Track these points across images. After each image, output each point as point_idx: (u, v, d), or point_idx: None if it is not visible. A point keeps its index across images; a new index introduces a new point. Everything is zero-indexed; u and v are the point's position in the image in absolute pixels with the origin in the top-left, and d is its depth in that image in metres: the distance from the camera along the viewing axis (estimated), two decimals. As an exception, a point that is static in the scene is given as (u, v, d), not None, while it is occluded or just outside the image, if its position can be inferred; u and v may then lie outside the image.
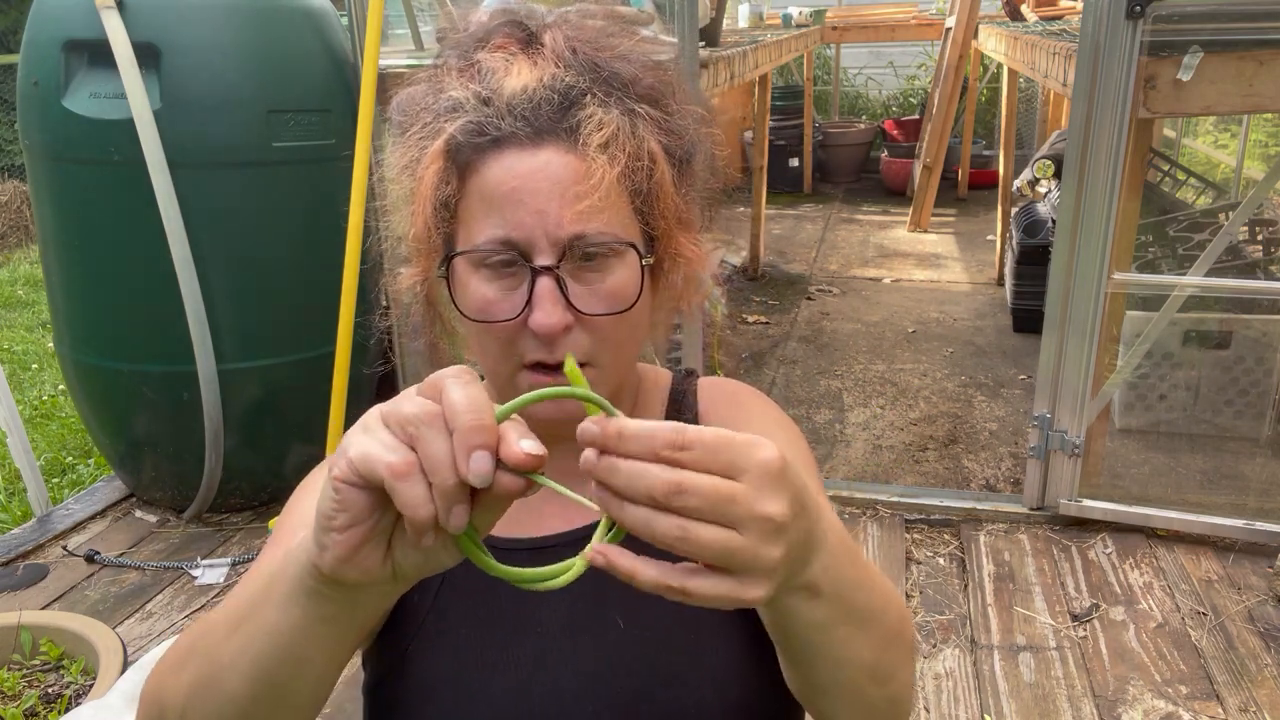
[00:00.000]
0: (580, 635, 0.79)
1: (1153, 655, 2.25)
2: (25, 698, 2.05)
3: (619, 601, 0.79)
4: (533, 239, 0.70)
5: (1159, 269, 3.43)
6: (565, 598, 0.78)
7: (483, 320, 0.73)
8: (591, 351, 0.74)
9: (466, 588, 0.80)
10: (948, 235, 6.38)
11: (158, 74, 2.56)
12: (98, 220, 2.67)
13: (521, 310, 0.72)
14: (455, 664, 0.79)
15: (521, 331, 0.72)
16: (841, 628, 0.62)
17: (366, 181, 2.58)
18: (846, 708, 0.68)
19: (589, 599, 0.79)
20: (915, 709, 2.11)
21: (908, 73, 8.56)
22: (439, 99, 0.75)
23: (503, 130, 0.71)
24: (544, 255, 0.71)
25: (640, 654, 0.78)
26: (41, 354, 4.62)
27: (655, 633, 0.78)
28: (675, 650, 0.78)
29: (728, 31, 5.59)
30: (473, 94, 0.73)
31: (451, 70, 0.76)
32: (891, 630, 0.67)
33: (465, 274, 0.74)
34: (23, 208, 6.74)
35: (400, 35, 3.58)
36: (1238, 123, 5.19)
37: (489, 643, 0.79)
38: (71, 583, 2.65)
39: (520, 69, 0.74)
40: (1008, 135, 5.50)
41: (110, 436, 2.97)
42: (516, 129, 0.71)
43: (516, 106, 0.72)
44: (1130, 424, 3.28)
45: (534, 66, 0.74)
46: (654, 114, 0.75)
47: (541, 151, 0.71)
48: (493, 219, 0.71)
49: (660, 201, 0.75)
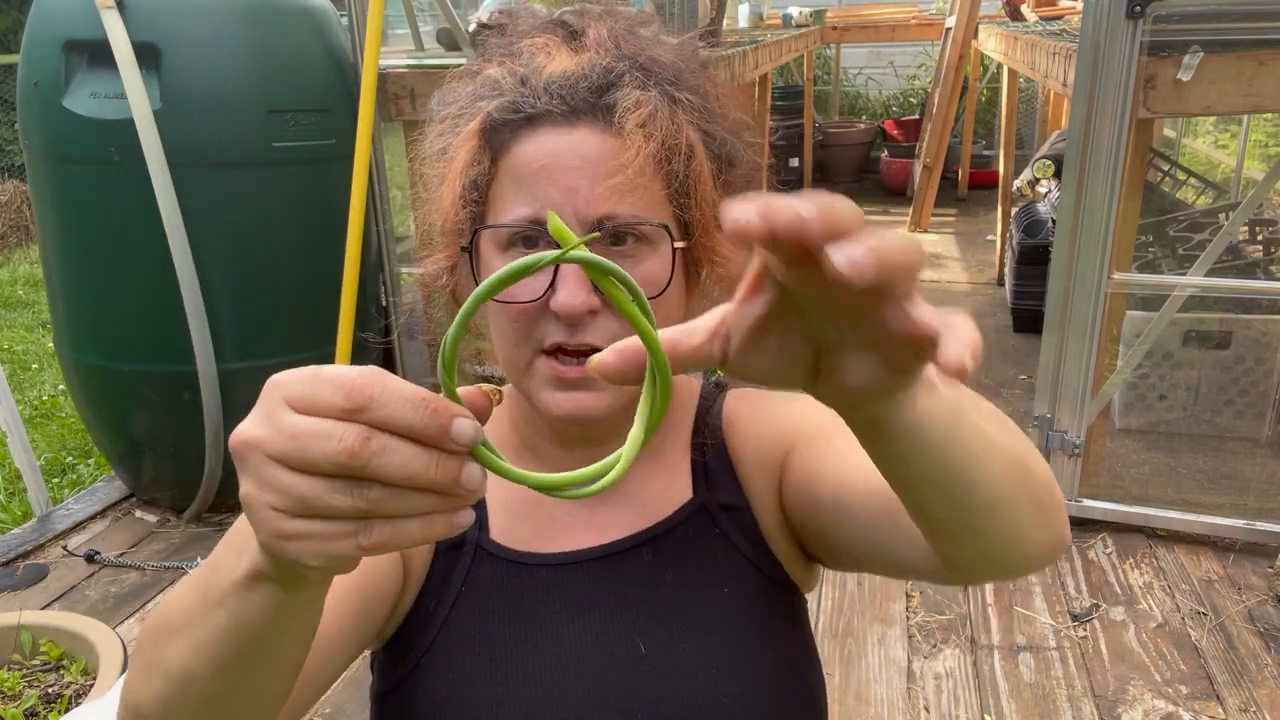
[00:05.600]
0: (601, 657, 0.76)
1: (1153, 655, 2.25)
2: (25, 698, 2.05)
3: (643, 626, 0.77)
4: (561, 216, 0.68)
5: (1159, 269, 3.42)
6: (589, 619, 0.77)
7: (503, 301, 0.70)
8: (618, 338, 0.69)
9: (484, 601, 0.78)
10: (948, 235, 6.38)
11: (158, 74, 2.56)
12: (98, 220, 2.67)
13: (544, 292, 0.69)
14: (467, 678, 0.76)
15: (543, 315, 0.70)
16: (980, 419, 0.52)
17: (366, 181, 2.58)
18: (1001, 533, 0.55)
19: (612, 621, 0.77)
20: (916, 709, 2.11)
21: (908, 73, 8.55)
22: (476, 83, 0.75)
23: (538, 108, 0.70)
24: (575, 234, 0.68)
25: (660, 680, 0.76)
26: (41, 354, 4.61)
27: (676, 659, 0.76)
28: (697, 679, 0.76)
29: (728, 31, 5.59)
30: (511, 74, 0.73)
31: (492, 60, 0.76)
32: (1038, 463, 0.58)
33: (489, 255, 0.72)
34: (23, 208, 6.73)
35: (400, 35, 3.58)
36: (1238, 123, 5.18)
37: (504, 658, 0.76)
38: (71, 583, 2.65)
39: (561, 56, 0.73)
40: (1008, 135, 5.49)
41: (110, 436, 2.97)
42: (552, 107, 0.70)
43: (553, 85, 0.71)
44: (1130, 424, 3.28)
45: (575, 55, 0.74)
46: (695, 103, 0.74)
47: (576, 130, 0.70)
48: (522, 197, 0.70)
49: (697, 191, 0.73)
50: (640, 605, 0.78)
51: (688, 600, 0.78)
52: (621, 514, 0.81)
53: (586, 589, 0.78)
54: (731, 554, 0.80)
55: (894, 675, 2.21)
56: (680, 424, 0.85)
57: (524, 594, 0.78)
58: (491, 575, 0.79)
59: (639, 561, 0.79)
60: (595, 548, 0.79)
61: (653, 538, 0.79)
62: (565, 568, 0.79)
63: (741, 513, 0.81)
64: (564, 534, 0.80)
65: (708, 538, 0.80)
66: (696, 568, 0.79)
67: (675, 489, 0.82)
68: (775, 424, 0.81)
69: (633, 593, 0.78)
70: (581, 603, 0.78)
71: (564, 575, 0.79)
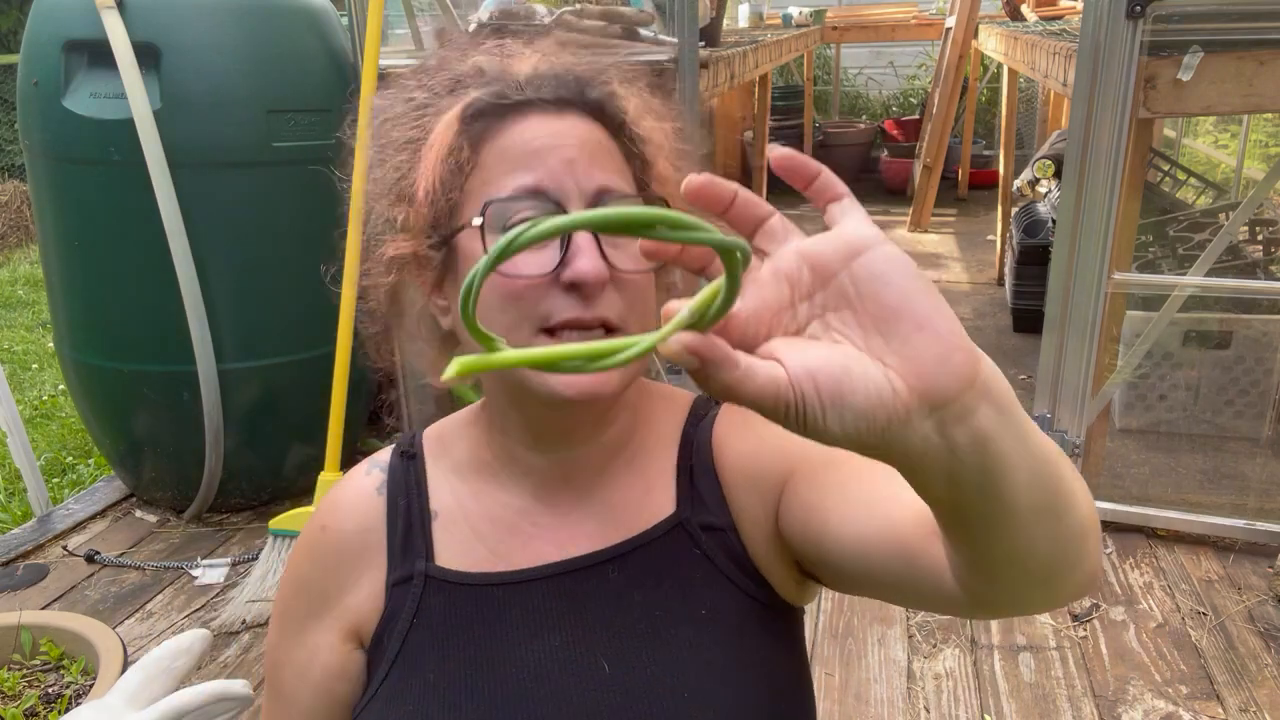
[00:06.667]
0: (561, 677, 0.73)
1: (1153, 655, 2.25)
2: (25, 698, 2.05)
3: (607, 646, 0.74)
4: (564, 187, 0.68)
5: (1159, 269, 3.42)
6: (548, 638, 0.74)
7: (509, 275, 0.66)
8: (624, 314, 0.69)
9: (437, 630, 0.76)
10: (948, 235, 6.38)
11: (158, 74, 2.56)
12: (98, 220, 2.67)
13: (554, 266, 0.67)
14: (422, 709, 0.74)
15: (549, 291, 0.67)
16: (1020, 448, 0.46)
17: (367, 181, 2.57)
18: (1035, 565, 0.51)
19: (573, 640, 0.74)
20: (916, 709, 2.12)
21: (908, 73, 8.55)
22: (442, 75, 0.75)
23: (526, 95, 0.71)
24: (576, 204, 0.68)
25: (625, 701, 0.72)
26: (41, 354, 4.61)
27: (644, 681, 0.73)
28: (664, 702, 0.72)
29: (728, 31, 5.59)
30: (490, 64, 0.74)
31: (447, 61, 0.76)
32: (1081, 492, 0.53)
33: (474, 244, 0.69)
34: (23, 208, 6.73)
35: (400, 35, 3.58)
36: (1238, 123, 5.18)
37: (460, 685, 0.74)
38: (71, 583, 2.65)
39: (526, 56, 0.75)
40: (1008, 135, 5.49)
41: (110, 436, 2.97)
42: (541, 96, 0.71)
43: (536, 80, 0.72)
44: (1130, 424, 3.28)
45: (541, 56, 0.75)
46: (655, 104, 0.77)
47: (564, 118, 0.71)
48: (519, 172, 0.69)
49: (667, 189, 0.75)
50: (605, 624, 0.74)
51: (657, 621, 0.74)
52: (592, 525, 0.78)
53: (546, 607, 0.75)
54: (712, 576, 0.76)
55: (894, 675, 2.21)
56: (666, 435, 0.81)
57: (479, 617, 0.75)
58: (443, 603, 0.76)
59: (604, 579, 0.75)
60: (556, 563, 0.76)
61: (621, 554, 0.76)
62: (522, 585, 0.75)
63: (726, 534, 0.77)
64: (525, 549, 0.77)
65: (685, 558, 0.76)
66: (670, 588, 0.75)
67: (653, 503, 0.78)
68: (772, 444, 0.76)
69: (596, 611, 0.75)
70: (541, 622, 0.75)
71: (521, 594, 0.76)
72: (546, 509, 0.78)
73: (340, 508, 0.82)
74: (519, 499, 0.79)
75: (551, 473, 0.78)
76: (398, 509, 0.80)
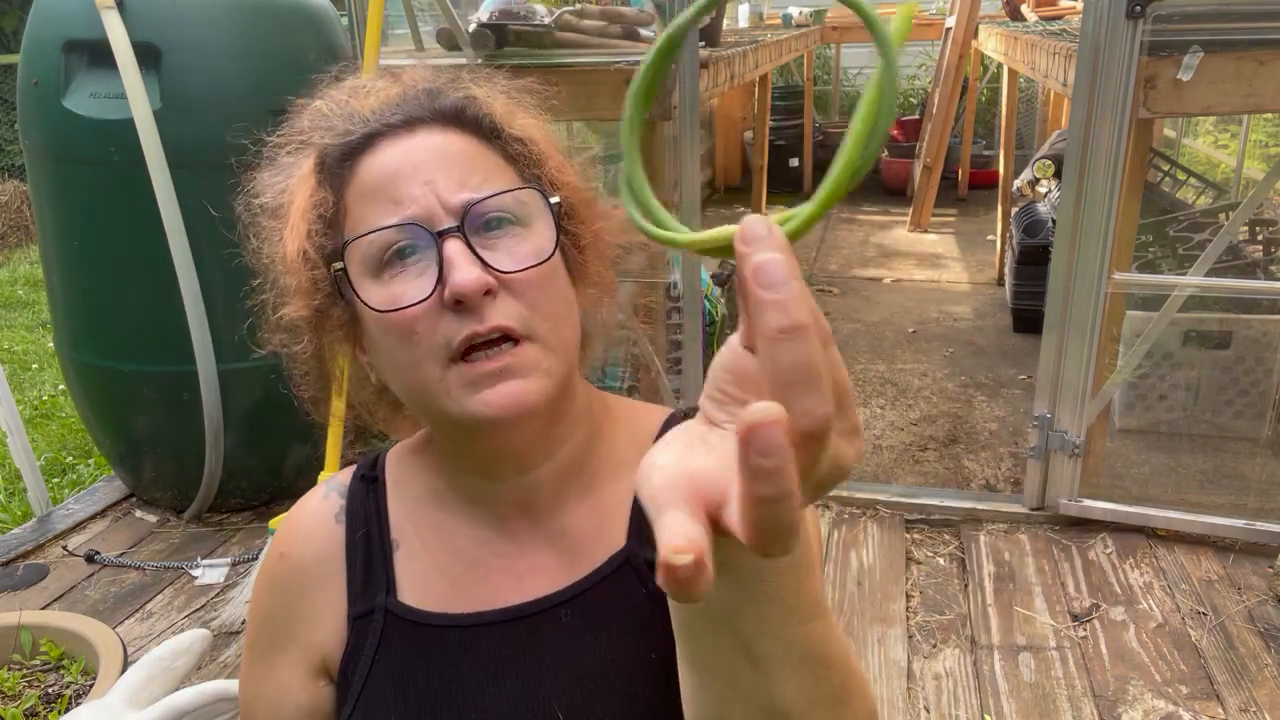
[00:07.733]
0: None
1: (1153, 655, 2.25)
2: (25, 698, 2.05)
3: (560, 693, 0.71)
4: (428, 207, 0.65)
5: (1159, 269, 3.42)
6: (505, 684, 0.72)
7: (393, 309, 0.64)
8: (526, 319, 0.65)
9: (397, 669, 0.74)
10: (948, 235, 6.38)
11: (158, 74, 2.56)
12: (98, 220, 2.67)
13: (435, 287, 0.64)
14: None
15: (442, 316, 0.64)
16: (806, 624, 0.49)
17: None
18: None
19: (528, 687, 0.72)
20: (916, 709, 2.12)
21: (908, 73, 8.55)
22: (293, 134, 0.73)
23: (371, 126, 0.68)
24: (444, 221, 0.65)
25: None
26: (41, 354, 4.62)
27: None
28: None
29: (728, 31, 5.60)
30: (337, 107, 0.71)
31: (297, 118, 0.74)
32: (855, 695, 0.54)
33: (361, 284, 0.67)
34: (23, 208, 6.73)
35: (400, 35, 3.58)
36: (1238, 123, 5.19)
37: None
38: (71, 583, 2.65)
39: (376, 90, 0.73)
40: (1008, 135, 5.50)
41: (110, 436, 2.97)
42: (389, 121, 0.68)
43: (382, 109, 0.69)
44: (1130, 424, 3.28)
45: (391, 83, 0.73)
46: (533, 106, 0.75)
47: (415, 135, 0.68)
48: (379, 208, 0.66)
49: (549, 165, 0.72)
50: (560, 669, 0.72)
51: (608, 665, 0.72)
52: (550, 557, 0.75)
53: (501, 653, 0.73)
54: (659, 618, 0.70)
55: (894, 675, 2.21)
56: (626, 459, 0.76)
57: (435, 659, 0.73)
58: (403, 641, 0.74)
59: (556, 623, 0.73)
60: (510, 608, 0.73)
61: (572, 596, 0.73)
62: (477, 630, 0.73)
63: None
64: (484, 583, 0.74)
65: (632, 598, 0.72)
66: (619, 631, 0.72)
67: (608, 534, 0.75)
68: None
69: (551, 655, 0.72)
70: (498, 667, 0.72)
71: (477, 638, 0.73)
72: (504, 539, 0.76)
73: (297, 534, 0.81)
74: (476, 529, 0.76)
75: (507, 499, 0.75)
76: (356, 538, 0.78)
